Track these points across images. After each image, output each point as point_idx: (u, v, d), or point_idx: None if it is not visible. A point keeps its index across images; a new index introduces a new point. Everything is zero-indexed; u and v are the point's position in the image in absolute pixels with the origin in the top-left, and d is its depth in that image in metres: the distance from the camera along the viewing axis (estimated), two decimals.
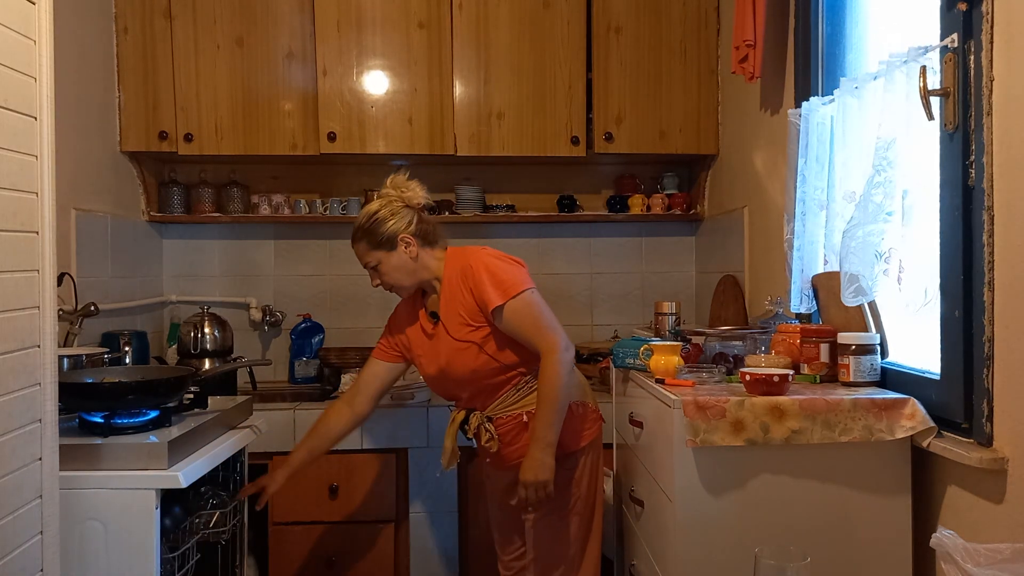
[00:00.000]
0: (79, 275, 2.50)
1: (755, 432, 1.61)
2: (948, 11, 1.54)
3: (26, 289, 1.38)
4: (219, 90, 2.93)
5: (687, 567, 1.65)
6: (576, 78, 3.00)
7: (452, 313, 2.05)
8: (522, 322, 1.97)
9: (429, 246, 2.09)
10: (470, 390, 2.09)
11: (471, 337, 2.02)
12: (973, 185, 1.49)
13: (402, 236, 2.04)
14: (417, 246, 2.06)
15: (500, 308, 1.96)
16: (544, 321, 1.98)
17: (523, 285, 1.98)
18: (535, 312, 1.98)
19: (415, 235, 2.06)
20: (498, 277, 1.98)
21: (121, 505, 1.64)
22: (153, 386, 1.87)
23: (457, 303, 2.04)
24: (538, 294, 2.02)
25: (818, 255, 2.06)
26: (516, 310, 1.97)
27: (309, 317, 3.23)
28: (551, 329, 1.97)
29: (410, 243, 2.05)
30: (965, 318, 1.51)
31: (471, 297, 2.01)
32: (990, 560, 1.13)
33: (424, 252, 2.08)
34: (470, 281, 2.01)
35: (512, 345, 2.02)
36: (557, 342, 1.96)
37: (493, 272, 1.99)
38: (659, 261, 3.40)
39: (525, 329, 1.97)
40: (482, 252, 2.06)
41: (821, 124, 2.04)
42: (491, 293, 1.97)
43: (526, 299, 1.97)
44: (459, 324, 2.03)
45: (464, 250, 2.10)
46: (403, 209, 2.06)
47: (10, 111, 1.34)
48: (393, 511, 2.69)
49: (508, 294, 1.96)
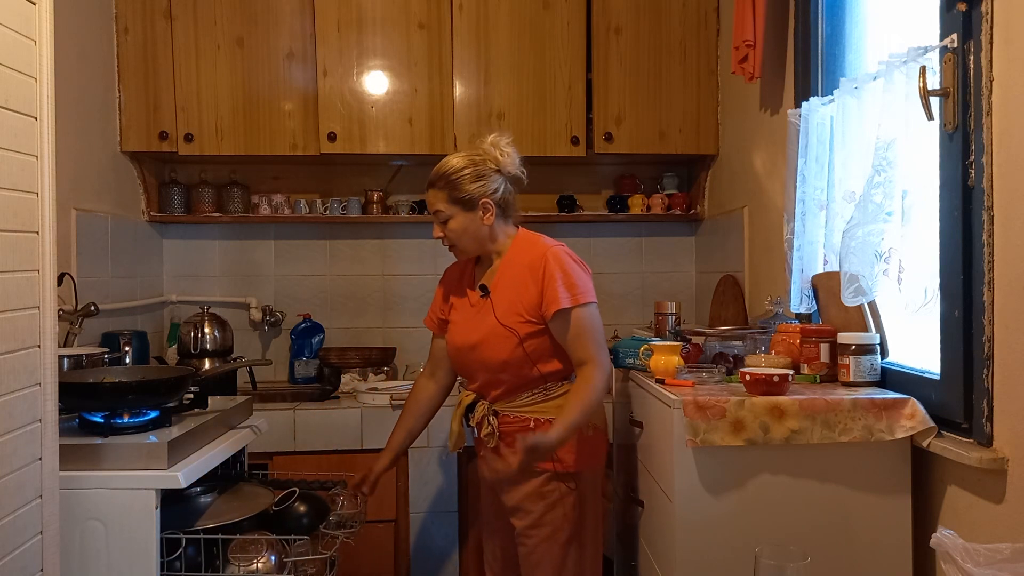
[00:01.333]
0: (79, 275, 2.50)
1: (755, 432, 1.61)
2: (948, 11, 1.55)
3: (26, 289, 1.38)
4: (219, 90, 2.93)
5: (687, 567, 1.65)
6: (576, 78, 3.00)
7: (506, 297, 1.99)
8: (580, 332, 1.91)
9: (505, 219, 2.03)
10: (489, 377, 2.02)
11: (517, 327, 1.95)
12: (973, 185, 1.49)
13: (484, 200, 1.97)
14: (495, 215, 1.99)
15: (566, 312, 1.90)
16: (599, 337, 1.94)
17: (591, 296, 1.94)
18: (595, 326, 1.94)
19: (497, 203, 1.99)
20: (571, 280, 1.92)
21: (121, 505, 1.64)
22: (153, 386, 1.87)
23: (517, 289, 1.97)
24: (598, 310, 1.98)
25: (818, 255, 2.06)
26: (580, 318, 1.91)
27: (309, 317, 3.23)
28: (602, 348, 1.94)
29: (489, 209, 1.98)
30: (965, 318, 1.51)
31: (535, 290, 1.94)
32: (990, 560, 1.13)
33: (498, 223, 2.01)
34: (539, 273, 1.94)
35: (552, 353, 1.98)
36: (604, 363, 1.93)
37: (567, 273, 1.93)
38: (659, 261, 3.40)
39: (581, 339, 1.92)
40: (559, 248, 1.98)
41: (821, 124, 2.04)
42: (561, 294, 1.90)
43: (591, 311, 1.94)
44: (510, 310, 1.97)
45: (539, 238, 2.03)
46: (494, 172, 1.99)
47: (10, 111, 1.34)
48: (393, 511, 2.70)
49: (577, 300, 1.91)
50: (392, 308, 3.33)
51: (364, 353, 3.14)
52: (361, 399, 2.78)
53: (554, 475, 1.96)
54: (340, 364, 3.08)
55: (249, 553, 1.81)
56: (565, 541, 1.97)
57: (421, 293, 3.31)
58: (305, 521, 1.95)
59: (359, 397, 2.80)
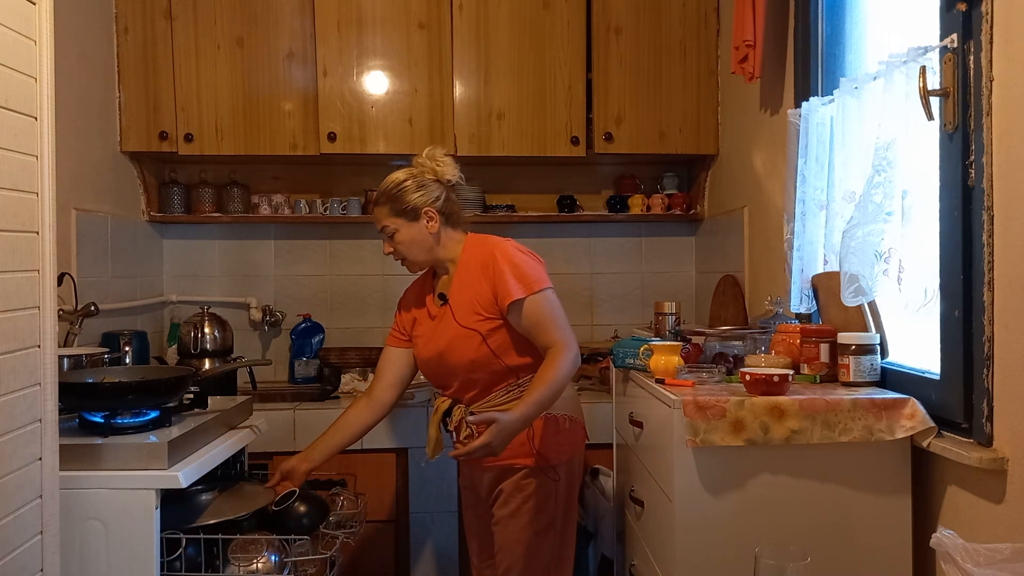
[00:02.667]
0: (79, 275, 2.50)
1: (755, 432, 1.61)
2: (948, 11, 1.55)
3: (26, 289, 1.38)
4: (219, 90, 2.93)
5: (687, 567, 1.65)
6: (576, 78, 3.00)
7: (463, 299, 2.02)
8: (539, 319, 1.95)
9: (451, 226, 2.07)
10: (461, 380, 2.05)
11: (478, 326, 1.99)
12: (973, 185, 1.49)
13: (426, 209, 2.02)
14: (439, 223, 2.04)
15: (520, 302, 1.94)
16: (560, 322, 1.96)
17: (544, 283, 1.97)
18: (554, 311, 1.96)
19: (440, 211, 2.04)
20: (521, 271, 1.96)
21: (121, 505, 1.64)
22: (153, 386, 1.87)
23: (472, 290, 2.01)
24: (555, 295, 2.00)
25: (818, 255, 2.06)
26: (536, 305, 1.95)
27: (309, 317, 3.23)
28: (565, 331, 1.95)
29: (433, 218, 2.03)
30: (965, 318, 1.51)
31: (488, 287, 1.98)
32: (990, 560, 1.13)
33: (445, 231, 2.06)
34: (490, 271, 1.98)
35: (516, 346, 2.00)
36: (569, 344, 1.93)
37: (516, 265, 1.97)
38: (659, 261, 3.40)
39: (541, 326, 1.95)
40: (505, 244, 2.03)
41: (821, 124, 2.04)
42: (512, 286, 1.94)
43: (547, 297, 1.96)
44: (469, 311, 2.00)
45: (486, 239, 2.07)
46: (433, 183, 2.04)
47: (10, 111, 1.34)
48: (393, 511, 2.70)
49: (530, 289, 1.94)
50: (392, 308, 3.28)
51: (364, 353, 3.14)
52: None
53: (534, 469, 1.99)
54: (340, 364, 3.07)
55: (249, 553, 1.81)
56: (541, 529, 2.00)
57: None
58: (305, 521, 1.95)
59: None
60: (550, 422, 2.01)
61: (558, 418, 2.02)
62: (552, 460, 2.00)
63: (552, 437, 2.00)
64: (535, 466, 1.99)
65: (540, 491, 2.00)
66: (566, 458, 2.03)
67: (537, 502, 2.00)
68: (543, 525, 2.01)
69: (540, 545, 2.01)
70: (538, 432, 2.00)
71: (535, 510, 2.00)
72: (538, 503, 2.00)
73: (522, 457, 1.99)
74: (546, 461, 2.00)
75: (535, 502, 2.00)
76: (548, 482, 2.01)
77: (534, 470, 2.00)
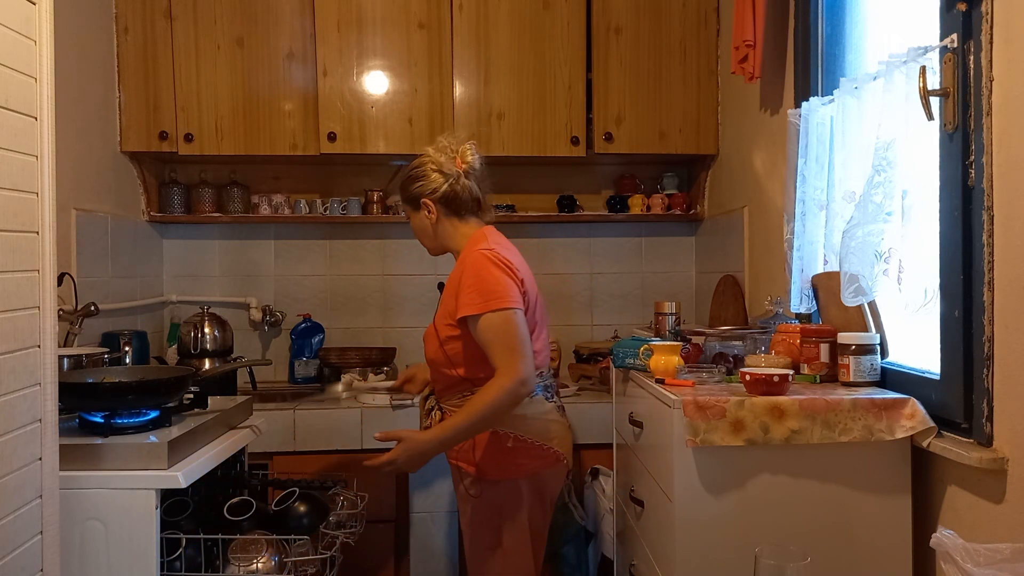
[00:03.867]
0: (79, 275, 2.50)
1: (755, 432, 1.61)
2: (948, 11, 1.55)
3: (26, 289, 1.38)
4: (219, 90, 2.93)
5: (687, 567, 1.65)
6: (576, 78, 3.00)
7: (444, 296, 2.01)
8: (488, 339, 1.85)
9: (455, 216, 2.04)
10: (431, 372, 2.10)
11: (441, 329, 1.98)
12: (973, 185, 1.49)
13: (423, 200, 2.03)
14: (438, 213, 2.03)
15: (474, 319, 1.87)
16: (514, 345, 1.84)
17: (506, 302, 1.85)
18: (509, 334, 1.84)
19: (438, 201, 2.02)
20: (485, 286, 1.87)
21: (121, 505, 1.64)
22: (153, 386, 1.87)
23: (449, 290, 1.99)
24: (522, 316, 1.88)
25: (818, 255, 2.06)
26: (489, 325, 1.85)
27: (309, 317, 3.23)
28: (518, 356, 1.83)
29: (431, 209, 2.03)
30: (965, 318, 1.51)
31: (454, 295, 1.93)
32: (990, 560, 1.13)
33: (447, 221, 2.04)
34: (459, 279, 1.93)
35: (474, 359, 1.93)
36: (518, 372, 1.82)
37: (483, 279, 1.88)
38: (659, 261, 3.40)
39: (489, 346, 1.85)
40: (483, 252, 1.93)
41: (821, 124, 2.04)
42: (471, 299, 1.87)
43: (504, 317, 1.85)
44: (443, 310, 1.99)
45: (480, 239, 2.00)
46: (434, 173, 2.02)
47: (10, 111, 1.34)
48: (393, 511, 2.70)
49: (487, 307, 1.85)
50: (392, 308, 3.33)
51: (364, 353, 3.14)
52: (361, 399, 2.78)
53: (475, 479, 1.98)
54: (340, 364, 3.07)
55: (249, 553, 1.81)
56: (486, 546, 2.00)
57: (421, 293, 3.31)
58: (305, 521, 1.95)
59: (359, 397, 2.80)
60: (493, 437, 1.95)
61: (500, 435, 1.94)
62: (490, 475, 1.96)
63: (493, 453, 1.94)
64: (476, 476, 1.97)
65: (484, 504, 1.98)
66: (509, 476, 1.96)
67: (480, 516, 1.98)
68: (487, 542, 1.99)
69: (484, 560, 2.00)
70: (480, 444, 1.96)
71: (479, 524, 1.99)
72: (481, 517, 1.98)
73: (465, 463, 1.99)
74: (484, 475, 1.96)
75: (480, 516, 1.99)
76: (493, 497, 1.97)
77: (477, 480, 1.97)
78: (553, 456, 2.00)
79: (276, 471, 2.52)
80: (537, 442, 1.98)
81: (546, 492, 2.03)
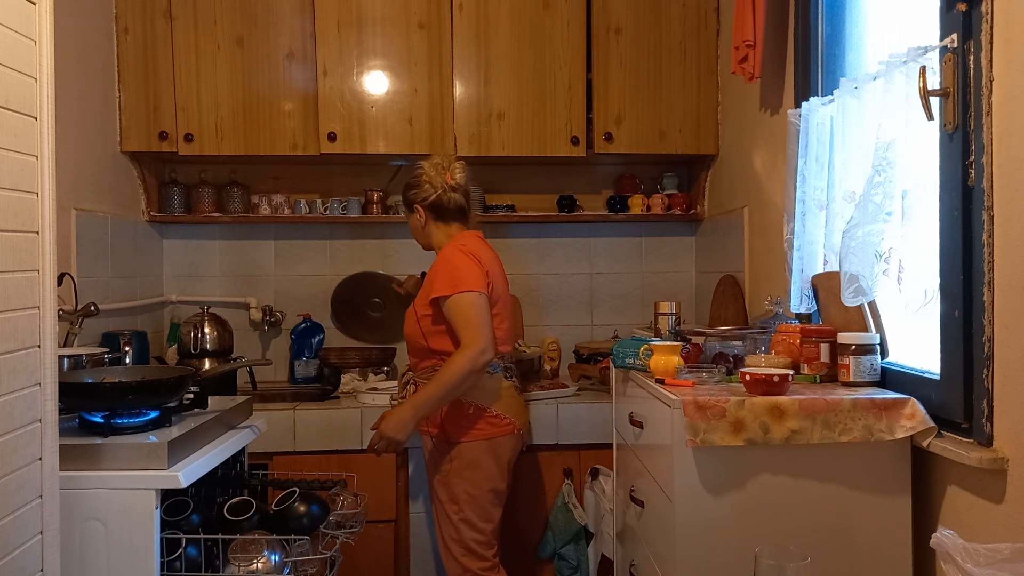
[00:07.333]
0: (79, 275, 2.50)
1: (755, 432, 1.61)
2: (948, 11, 1.55)
3: (26, 289, 1.38)
4: (219, 90, 2.93)
5: (687, 567, 1.65)
6: (576, 78, 3.00)
7: (426, 282, 2.34)
8: (455, 316, 2.20)
9: (441, 221, 2.39)
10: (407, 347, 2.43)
11: (419, 308, 2.32)
12: (973, 185, 1.49)
13: (415, 204, 2.39)
14: (426, 217, 2.39)
15: (444, 299, 2.21)
16: (476, 321, 2.17)
17: (471, 286, 2.19)
18: (472, 312, 2.18)
19: (427, 207, 2.38)
20: (455, 271, 2.22)
21: (121, 505, 1.63)
22: (153, 386, 1.87)
23: (428, 278, 2.32)
24: (485, 299, 2.21)
25: (818, 255, 2.06)
26: (456, 304, 2.19)
27: (309, 317, 3.23)
28: (479, 330, 2.16)
29: (421, 213, 2.39)
30: (965, 318, 1.51)
31: (430, 280, 2.27)
32: (990, 560, 1.13)
33: (433, 224, 2.40)
34: (435, 266, 2.29)
35: (442, 333, 2.26)
36: (478, 343, 2.15)
37: (454, 266, 2.23)
38: (659, 261, 3.40)
39: (456, 322, 2.20)
40: (453, 246, 2.30)
41: (821, 124, 2.04)
42: (439, 283, 2.22)
43: (468, 298, 2.19)
44: (423, 293, 2.32)
45: (460, 237, 2.36)
46: (426, 184, 2.37)
47: (10, 111, 1.34)
48: (393, 511, 2.70)
49: (455, 289, 2.19)
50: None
51: (364, 353, 3.14)
52: (361, 399, 2.78)
53: (439, 441, 2.32)
54: (340, 364, 3.07)
55: (249, 553, 1.81)
56: (449, 498, 2.30)
57: None
58: (305, 521, 1.95)
59: (359, 397, 2.80)
60: (456, 404, 2.27)
61: (463, 403, 2.27)
62: (451, 437, 2.29)
63: (456, 418, 2.28)
64: (438, 437, 2.31)
65: (445, 463, 2.31)
66: (467, 439, 2.28)
67: (441, 475, 2.32)
68: (447, 496, 2.30)
69: (445, 513, 2.31)
70: (445, 409, 2.28)
71: (440, 483, 2.32)
72: (442, 477, 2.31)
73: (431, 425, 2.32)
74: (446, 436, 2.29)
75: (440, 475, 2.32)
76: (454, 455, 2.29)
77: (439, 441, 2.32)
78: (508, 424, 2.32)
79: (276, 471, 2.51)
80: (494, 412, 2.31)
81: (502, 455, 2.33)
